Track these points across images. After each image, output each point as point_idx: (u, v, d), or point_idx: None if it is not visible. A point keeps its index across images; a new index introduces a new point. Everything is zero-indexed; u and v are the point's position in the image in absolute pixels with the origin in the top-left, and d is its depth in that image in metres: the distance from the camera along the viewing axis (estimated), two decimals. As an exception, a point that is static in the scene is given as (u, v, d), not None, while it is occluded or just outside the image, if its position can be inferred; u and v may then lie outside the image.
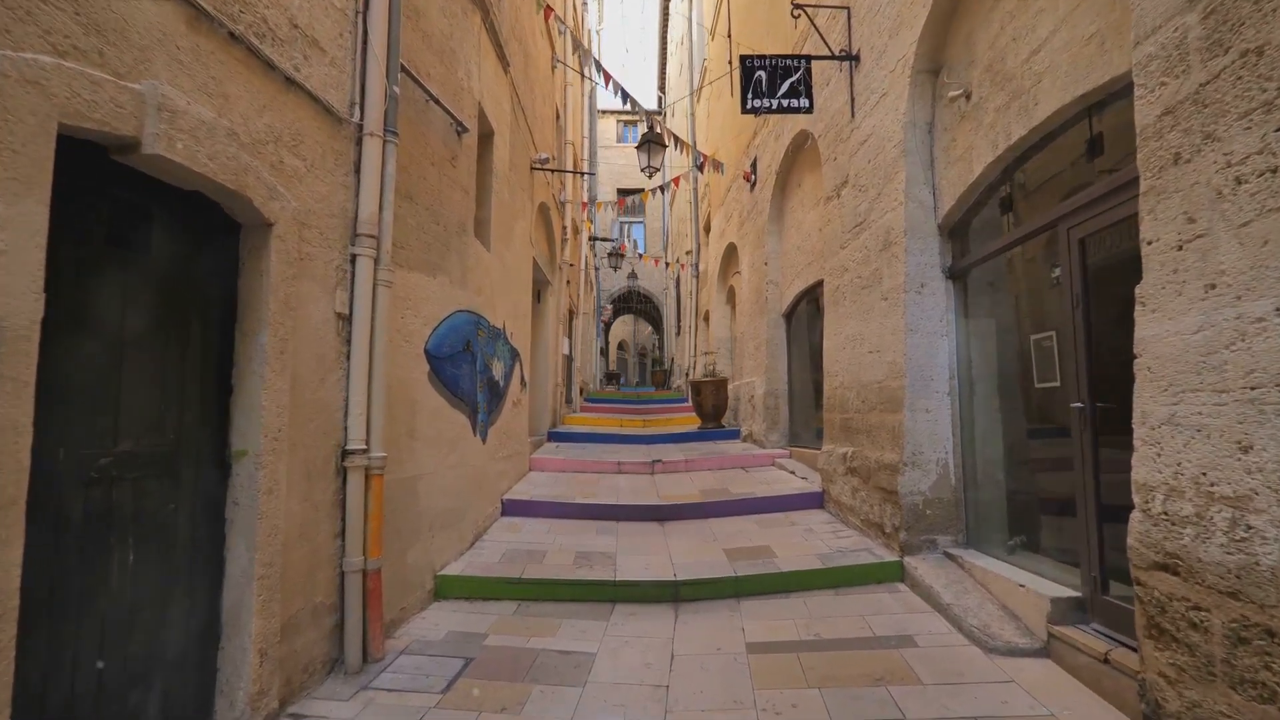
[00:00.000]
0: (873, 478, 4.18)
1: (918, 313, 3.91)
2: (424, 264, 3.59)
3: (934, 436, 3.84)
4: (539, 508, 5.20)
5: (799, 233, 6.79)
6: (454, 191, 4.01)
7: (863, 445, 4.43)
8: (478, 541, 4.39)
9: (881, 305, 4.23)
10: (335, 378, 2.78)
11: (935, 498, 3.80)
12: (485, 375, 4.70)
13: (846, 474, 4.66)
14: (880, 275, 4.27)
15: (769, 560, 3.95)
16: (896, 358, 3.98)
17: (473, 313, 4.36)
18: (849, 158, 4.89)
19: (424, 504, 3.56)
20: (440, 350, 3.79)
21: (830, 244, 5.23)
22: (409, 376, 3.41)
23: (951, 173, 3.78)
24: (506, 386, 5.45)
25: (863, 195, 4.60)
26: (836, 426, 4.98)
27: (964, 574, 3.45)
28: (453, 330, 3.97)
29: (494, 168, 5.01)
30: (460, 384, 4.08)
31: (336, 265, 2.80)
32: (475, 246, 4.44)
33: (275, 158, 2.39)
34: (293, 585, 2.47)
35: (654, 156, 8.05)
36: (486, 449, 4.72)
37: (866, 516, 4.29)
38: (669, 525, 4.96)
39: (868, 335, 4.44)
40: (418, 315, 3.52)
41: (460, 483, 4.10)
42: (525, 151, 6.35)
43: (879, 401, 4.21)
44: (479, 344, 4.49)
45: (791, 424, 7.27)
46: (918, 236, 3.95)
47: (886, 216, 4.20)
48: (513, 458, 5.71)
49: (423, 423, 3.55)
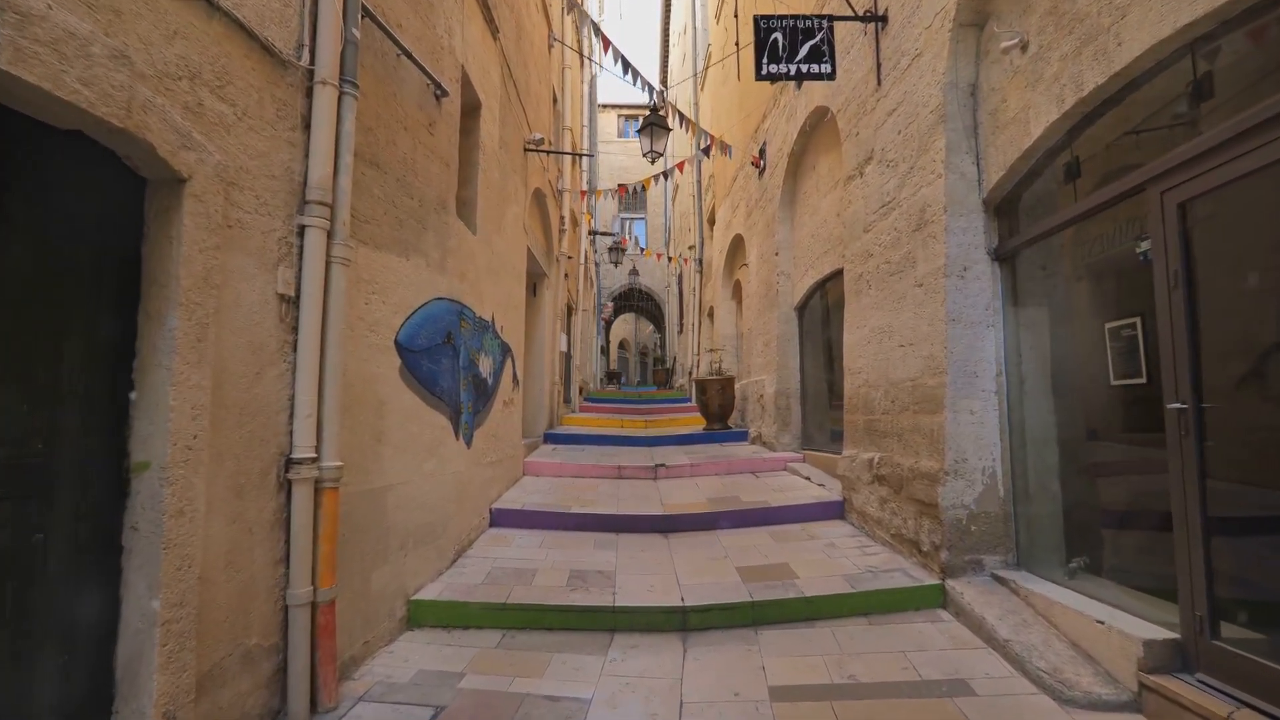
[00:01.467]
0: (906, 488, 3.70)
1: (960, 300, 3.43)
2: (394, 242, 3.12)
3: (979, 441, 3.36)
4: (531, 518, 4.73)
5: (813, 219, 6.31)
6: (431, 163, 3.54)
7: (892, 450, 3.95)
8: (460, 558, 3.92)
9: (915, 293, 3.76)
10: (277, 372, 2.31)
11: (981, 512, 3.32)
12: (470, 371, 4.23)
13: (873, 482, 4.18)
14: (914, 259, 3.79)
15: (789, 582, 3.48)
16: (935, 351, 3.50)
17: (455, 301, 3.88)
18: (874, 131, 4.41)
19: (394, 519, 3.09)
20: (414, 342, 3.32)
21: (852, 228, 4.75)
22: (375, 372, 2.94)
23: (1001, 138, 3.30)
24: (496, 385, 4.98)
25: (891, 171, 4.12)
26: (860, 429, 4.50)
27: (1020, 602, 2.97)
28: (430, 320, 3.50)
29: (481, 143, 4.54)
30: (439, 381, 3.61)
31: (279, 237, 2.32)
32: (458, 227, 3.96)
33: (191, 98, 1.92)
34: (215, 627, 2.00)
35: (656, 140, 7.56)
36: (471, 454, 4.25)
37: (898, 531, 3.81)
38: (674, 538, 4.49)
39: (898, 327, 3.96)
40: (386, 301, 3.04)
41: (439, 493, 3.62)
42: (518, 132, 5.88)
43: (912, 401, 3.73)
44: (462, 336, 4.02)
45: (804, 425, 6.79)
46: (960, 213, 3.47)
47: (921, 192, 3.72)
48: (503, 462, 5.24)
49: (392, 425, 3.08)
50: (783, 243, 6.99)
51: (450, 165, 3.79)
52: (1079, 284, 3.26)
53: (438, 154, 3.61)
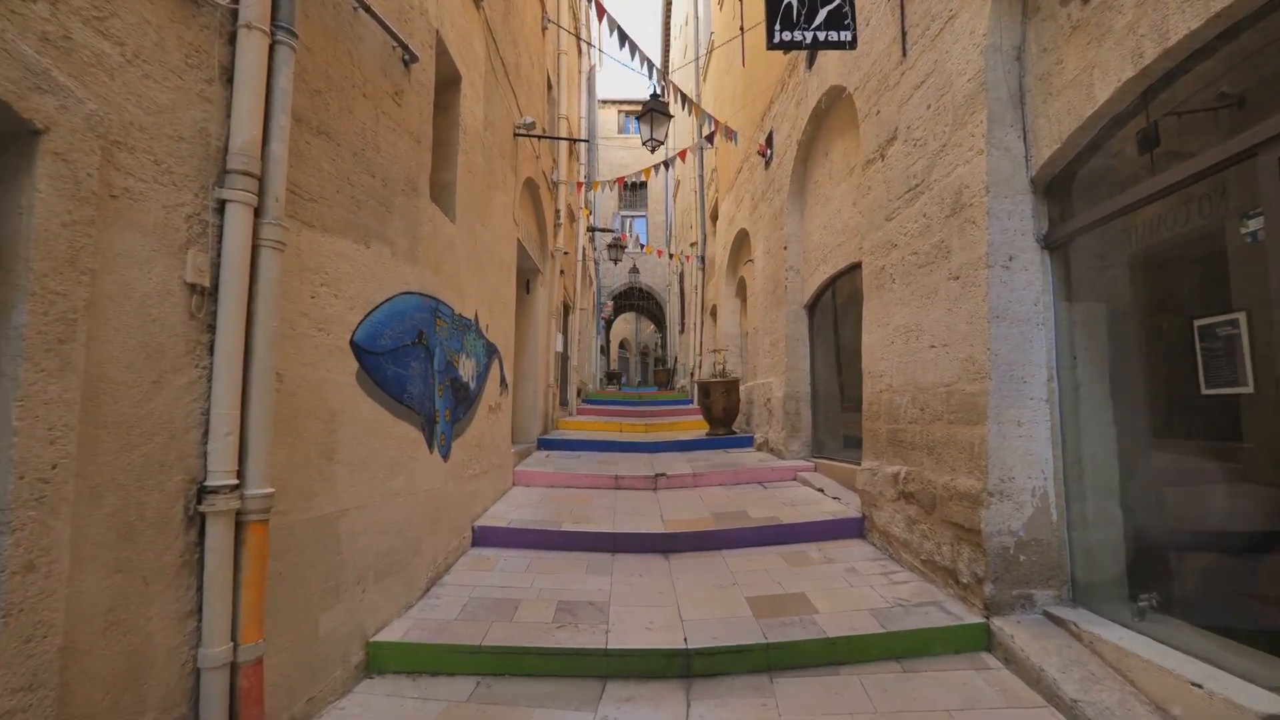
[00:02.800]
0: (940, 508, 3.26)
1: (1005, 294, 2.99)
2: (350, 226, 2.67)
3: (1028, 457, 2.91)
4: (518, 536, 4.28)
5: (825, 210, 5.86)
6: (399, 138, 3.09)
7: (922, 465, 3.51)
8: (434, 587, 3.47)
9: (949, 287, 3.31)
10: (185, 381, 1.87)
11: (1031, 539, 2.88)
12: (448, 375, 3.78)
13: (899, 500, 3.73)
14: (948, 248, 3.34)
15: (807, 617, 3.03)
16: (975, 353, 3.06)
17: (428, 296, 3.44)
18: (897, 108, 3.96)
19: (350, 549, 2.65)
20: (376, 343, 2.88)
21: (872, 216, 4.31)
22: (324, 378, 2.49)
23: (1054, 107, 2.85)
24: (480, 389, 4.54)
25: (919, 150, 3.67)
26: (882, 439, 4.05)
27: (1083, 649, 2.53)
28: (396, 317, 3.06)
29: (461, 122, 4.09)
30: (407, 386, 3.16)
31: (190, 214, 1.88)
32: (432, 214, 3.52)
33: (52, 27, 1.48)
34: (90, 708, 1.56)
35: (657, 128, 7.12)
36: (449, 467, 3.81)
37: (930, 557, 3.36)
38: (676, 560, 4.05)
39: (928, 325, 3.52)
40: (339, 295, 2.60)
41: (408, 514, 3.18)
42: (506, 115, 5.44)
43: (947, 410, 3.29)
44: (437, 336, 3.57)
45: (815, 431, 6.35)
46: (1004, 195, 3.03)
47: (957, 172, 3.27)
48: (489, 473, 4.79)
49: (348, 440, 2.64)
50: (791, 236, 6.54)
51: (422, 142, 3.35)
52: (1146, 274, 2.82)
53: (406, 128, 3.17)
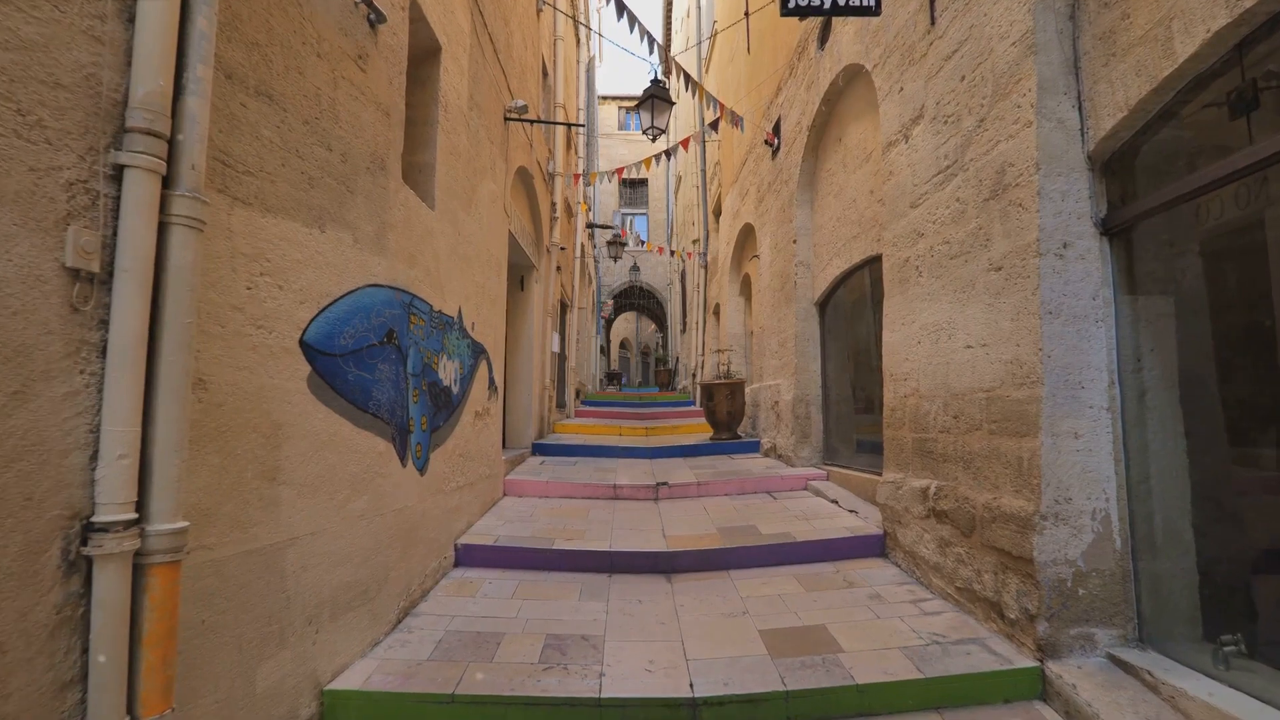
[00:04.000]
0: (981, 531, 2.87)
1: (1059, 287, 2.60)
2: (299, 207, 2.29)
3: (1087, 475, 2.52)
4: (506, 556, 3.90)
5: (839, 201, 5.47)
6: (363, 108, 2.71)
7: (957, 480, 3.12)
8: (408, 617, 3.09)
9: (990, 280, 2.92)
10: (64, 390, 1.48)
11: (1091, 570, 2.49)
12: (425, 379, 3.40)
13: (928, 518, 3.35)
14: (987, 236, 2.95)
15: (831, 657, 2.64)
16: (1023, 355, 2.67)
17: (400, 290, 3.05)
18: (924, 82, 3.57)
19: (299, 584, 2.26)
20: (334, 343, 2.49)
21: (894, 204, 3.92)
22: (266, 384, 2.11)
23: (1119, 69, 2.46)
24: (464, 393, 4.15)
25: (951, 128, 3.28)
26: (907, 449, 3.66)
27: (1161, 704, 2.14)
28: (359, 313, 2.67)
29: (442, 98, 3.71)
30: (373, 392, 2.78)
31: (69, 180, 1.50)
32: (405, 198, 3.14)
33: None
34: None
35: (659, 115, 6.73)
36: (427, 481, 3.42)
37: (967, 585, 2.97)
38: (680, 582, 3.66)
39: (963, 323, 3.13)
40: (286, 287, 2.22)
41: (375, 538, 2.80)
42: (495, 96, 5.05)
43: (987, 419, 2.90)
44: (410, 336, 3.19)
45: (827, 437, 5.96)
46: (1057, 173, 2.64)
47: (999, 149, 2.88)
48: (475, 485, 4.41)
49: (296, 456, 2.26)
50: (801, 229, 6.15)
51: (392, 116, 2.96)
52: (1223, 263, 2.43)
53: (372, 98, 2.78)
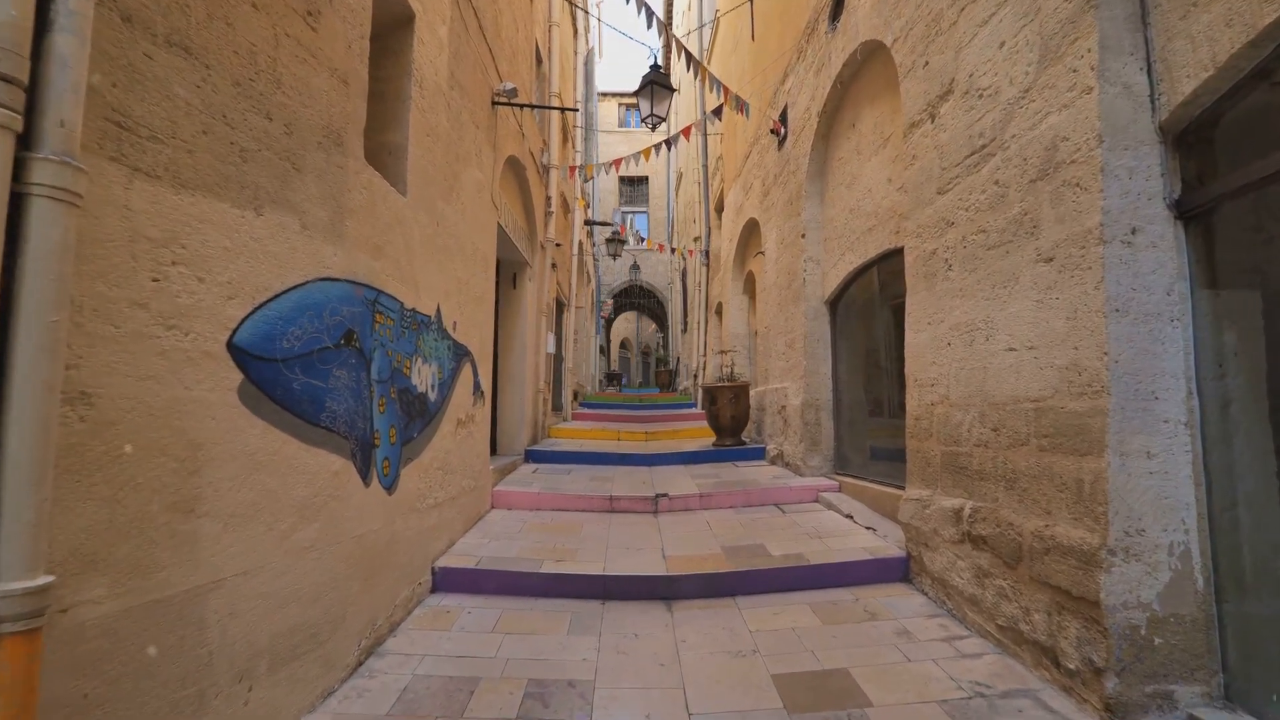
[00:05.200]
0: (1031, 563, 2.49)
1: (1127, 280, 2.22)
2: (226, 184, 1.91)
3: (1163, 502, 2.14)
4: (488, 580, 3.52)
5: (852, 191, 5.09)
6: (314, 73, 2.33)
7: (997, 501, 2.74)
8: (371, 657, 2.71)
9: (1039, 272, 2.54)
10: None
11: (1169, 615, 2.11)
12: (394, 385, 3.02)
13: (962, 542, 2.97)
14: (1035, 222, 2.57)
15: (859, 713, 2.26)
16: (1084, 360, 2.29)
17: (361, 284, 2.68)
18: (955, 53, 3.20)
19: (225, 635, 1.89)
20: (274, 346, 2.11)
21: (918, 191, 3.54)
22: (180, 396, 1.73)
23: (1201, 23, 2.08)
24: (443, 400, 3.78)
25: (988, 102, 2.90)
26: (935, 464, 3.28)
27: (1270, 787, 1.76)
28: (308, 311, 2.29)
29: (416, 71, 3.33)
30: (326, 402, 2.40)
31: (-126, 133, 1.12)
32: (369, 180, 2.76)
33: None
34: None
35: (658, 103, 6.36)
36: (397, 500, 3.05)
37: (1012, 624, 2.59)
38: (681, 611, 3.28)
39: (1004, 323, 2.75)
40: (208, 279, 1.84)
41: (328, 571, 2.42)
42: (482, 77, 4.68)
43: (1036, 433, 2.52)
44: (376, 337, 2.81)
45: (838, 445, 5.57)
46: (1122, 146, 2.26)
47: (1048, 122, 2.50)
48: (457, 500, 4.04)
49: (223, 481, 1.88)
50: (810, 222, 5.77)
51: (351, 85, 2.59)
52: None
53: (325, 62, 2.41)
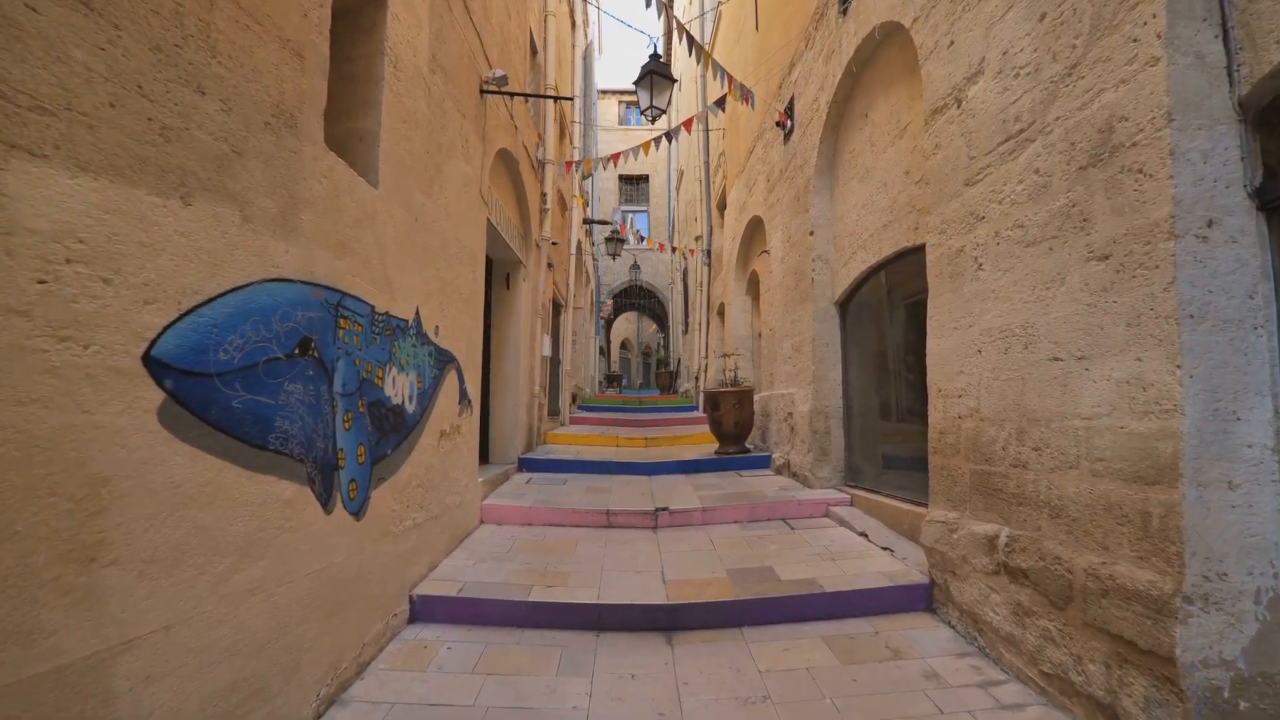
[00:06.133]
0: (1084, 605, 2.18)
1: (1203, 280, 1.91)
2: (143, 167, 1.61)
3: (1247, 541, 1.83)
4: (471, 610, 3.21)
5: (865, 186, 4.78)
6: (259, 43, 2.03)
7: (1041, 531, 2.43)
8: (334, 706, 2.40)
9: (1090, 272, 2.23)
10: None
11: (1257, 675, 1.80)
12: (363, 398, 2.72)
13: (997, 574, 2.66)
14: (1085, 215, 2.26)
15: (889, 781, 1.96)
16: (1152, 373, 1.98)
17: (320, 286, 2.37)
18: (985, 29, 2.89)
19: (136, 708, 1.58)
20: (206, 358, 1.81)
21: (943, 183, 3.23)
22: (73, 423, 1.43)
23: (1298, -24, 1.77)
24: (424, 411, 3.47)
25: (1026, 81, 2.59)
26: (964, 483, 2.97)
27: None
28: (251, 317, 1.99)
29: (391, 51, 3.02)
30: (276, 422, 2.09)
31: None
32: (330, 168, 2.45)
33: None
34: None
35: (658, 94, 6.05)
36: (367, 525, 2.74)
37: (1059, 672, 2.28)
38: (683, 645, 2.98)
39: (1047, 328, 2.44)
40: (119, 281, 1.54)
41: (278, 615, 2.11)
42: (469, 62, 4.37)
43: (1089, 455, 2.21)
44: (339, 345, 2.50)
45: (849, 454, 5.26)
46: (1195, 126, 1.95)
47: (1103, 100, 2.19)
48: (440, 518, 3.73)
49: (136, 521, 1.58)
50: (819, 219, 5.46)
51: (308, 59, 2.28)
52: None
53: (274, 31, 2.10)
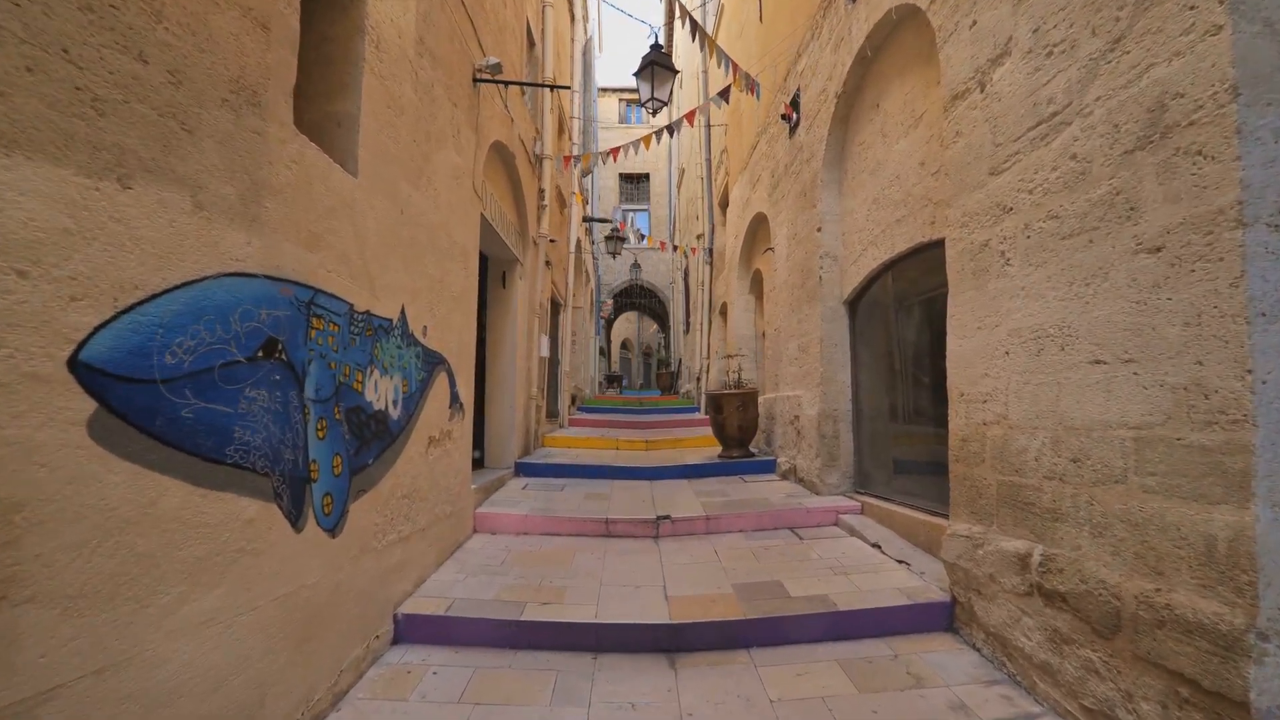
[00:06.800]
0: (1136, 636, 1.96)
1: (1275, 275, 1.69)
2: (69, 143, 1.40)
3: (1330, 568, 1.62)
4: (460, 630, 3.00)
5: (876, 179, 4.57)
6: (214, 10, 1.81)
7: (1081, 550, 2.21)
8: (304, 744, 2.19)
9: (1140, 266, 2.02)
10: None
11: (1343, 721, 1.58)
12: (340, 404, 2.50)
13: (1030, 596, 2.44)
14: (1132, 203, 2.05)
15: (920, 836, 1.74)
16: (1215, 379, 1.76)
17: (288, 282, 2.15)
18: (1012, 6, 2.68)
19: (63, 764, 1.37)
20: (148, 363, 1.60)
21: (964, 172, 3.02)
22: (-22, 440, 1.22)
23: (1390, -74, 1.56)
24: (411, 416, 3.26)
25: (1062, 60, 2.38)
26: (990, 495, 2.76)
27: None
28: (205, 315, 1.77)
29: (373, 30, 2.81)
30: (235, 432, 1.88)
31: None
32: (301, 153, 2.24)
33: None
34: None
35: (660, 85, 5.85)
36: (345, 542, 2.53)
37: (1105, 709, 2.06)
38: (687, 668, 2.76)
39: (1087, 328, 2.23)
40: (38, 274, 1.33)
41: (239, 647, 1.90)
42: (460, 49, 4.16)
43: (1138, 469, 1.99)
44: (312, 346, 2.29)
45: (858, 460, 5.05)
46: (1264, 101, 1.73)
47: (1152, 76, 1.98)
48: (429, 530, 3.52)
49: (61, 550, 1.37)
50: (827, 215, 5.24)
51: (273, 31, 2.07)
52: None
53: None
